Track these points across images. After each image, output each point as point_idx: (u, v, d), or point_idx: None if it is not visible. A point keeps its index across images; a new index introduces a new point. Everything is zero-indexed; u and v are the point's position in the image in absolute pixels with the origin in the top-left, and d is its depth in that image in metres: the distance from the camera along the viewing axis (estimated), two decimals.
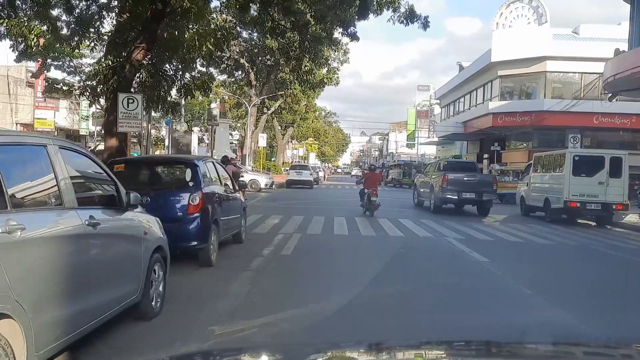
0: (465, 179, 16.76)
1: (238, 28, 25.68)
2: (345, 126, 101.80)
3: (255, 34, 30.53)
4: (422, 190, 19.11)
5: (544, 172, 16.72)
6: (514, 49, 30.25)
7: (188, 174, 7.55)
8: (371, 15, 13.93)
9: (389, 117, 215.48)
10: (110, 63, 11.09)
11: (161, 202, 6.78)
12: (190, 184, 7.34)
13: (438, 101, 51.41)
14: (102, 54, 13.16)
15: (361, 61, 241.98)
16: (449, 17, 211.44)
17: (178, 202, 7.06)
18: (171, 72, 13.60)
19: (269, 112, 34.85)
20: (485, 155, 34.34)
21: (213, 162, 8.73)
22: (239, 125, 43.96)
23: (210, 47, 12.95)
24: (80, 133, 44.85)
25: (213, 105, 55.93)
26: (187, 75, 14.12)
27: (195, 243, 6.95)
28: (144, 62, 11.75)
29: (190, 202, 6.99)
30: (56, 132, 43.94)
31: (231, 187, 9.09)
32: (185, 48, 12.53)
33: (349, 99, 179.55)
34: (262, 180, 26.58)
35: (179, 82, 13.56)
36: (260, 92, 32.60)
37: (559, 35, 30.99)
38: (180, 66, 13.68)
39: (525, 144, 34.42)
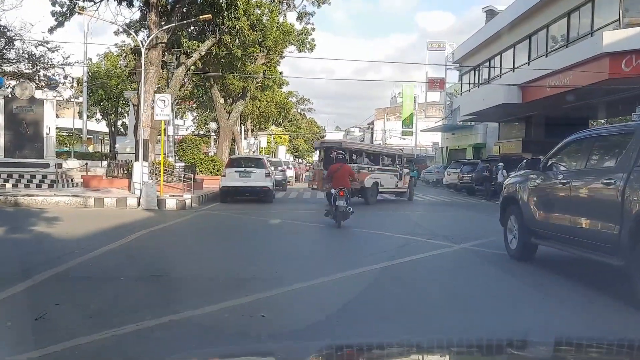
0: None
1: None
2: (320, 122, 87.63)
3: None
4: (552, 222, 6.40)
5: None
6: None
7: None
8: None
9: (362, 113, 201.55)
10: None
11: None
12: None
13: (457, 65, 36.45)
14: None
15: (334, 56, 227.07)
16: (420, 11, 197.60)
17: None
18: None
19: (189, 61, 18.77)
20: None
21: None
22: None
23: None
24: None
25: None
26: None
27: None
28: None
29: None
30: None
31: None
32: None
33: (321, 95, 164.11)
34: None
35: None
36: (167, 20, 16.92)
37: None
38: None
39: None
